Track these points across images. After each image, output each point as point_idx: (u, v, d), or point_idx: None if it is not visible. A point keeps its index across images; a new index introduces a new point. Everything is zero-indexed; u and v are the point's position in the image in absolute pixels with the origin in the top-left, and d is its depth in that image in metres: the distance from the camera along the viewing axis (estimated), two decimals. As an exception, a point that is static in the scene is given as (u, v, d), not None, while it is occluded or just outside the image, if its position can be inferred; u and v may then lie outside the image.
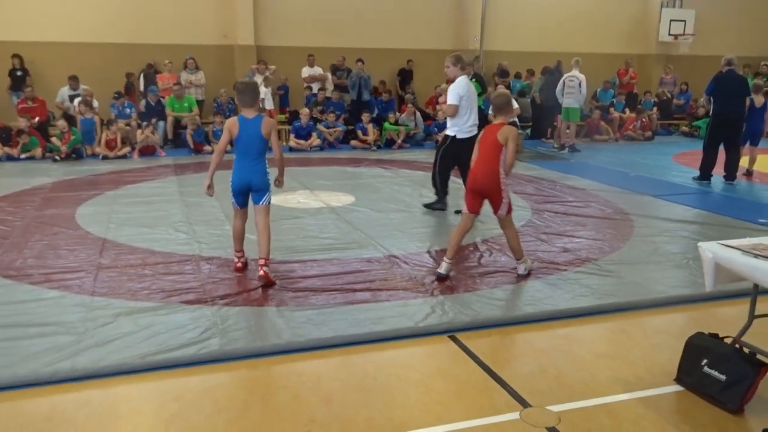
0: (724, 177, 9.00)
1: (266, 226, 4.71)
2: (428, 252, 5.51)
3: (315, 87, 13.54)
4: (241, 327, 3.86)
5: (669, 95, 16.25)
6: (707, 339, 3.34)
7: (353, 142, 12.07)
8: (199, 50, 13.98)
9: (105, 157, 10.35)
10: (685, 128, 15.33)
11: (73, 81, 12.09)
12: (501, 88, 12.20)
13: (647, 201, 7.69)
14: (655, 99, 16.01)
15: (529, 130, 13.80)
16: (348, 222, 6.47)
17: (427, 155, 11.26)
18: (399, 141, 12.12)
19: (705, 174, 8.99)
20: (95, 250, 5.40)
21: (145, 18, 13.90)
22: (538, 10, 16.76)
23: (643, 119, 14.36)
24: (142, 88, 13.13)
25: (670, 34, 17.53)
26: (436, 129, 12.47)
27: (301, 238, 5.91)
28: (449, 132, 6.61)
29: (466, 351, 3.69)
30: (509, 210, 4.83)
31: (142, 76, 13.33)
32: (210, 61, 14.08)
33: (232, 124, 4.65)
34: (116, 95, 11.91)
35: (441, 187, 7.00)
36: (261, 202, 4.72)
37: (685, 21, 17.58)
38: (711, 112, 9.13)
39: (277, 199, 7.49)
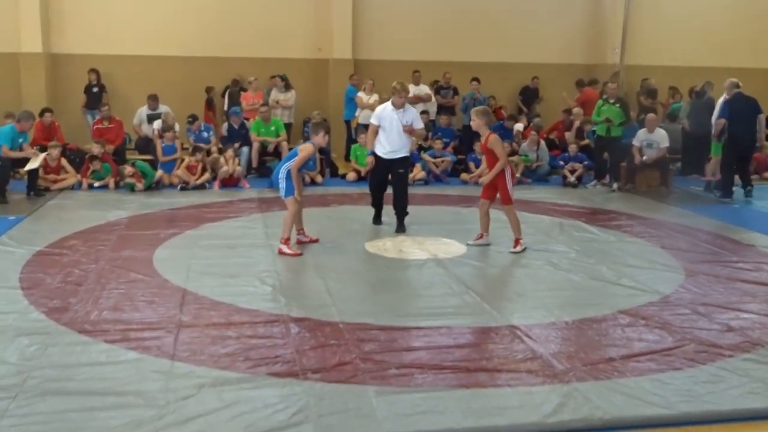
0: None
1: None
2: (555, 323, 5.45)
3: (420, 109, 13.73)
4: (337, 411, 3.96)
5: None
6: None
7: (464, 176, 12.12)
8: (289, 65, 14.58)
9: (183, 188, 10.95)
10: None
11: (152, 101, 12.92)
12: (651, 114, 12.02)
13: (836, 265, 7.27)
14: None
15: (679, 164, 13.36)
16: (458, 279, 6.51)
17: (552, 194, 11.19)
18: (517, 175, 12.07)
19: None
20: (175, 304, 5.71)
21: (230, 29, 14.68)
22: (690, 17, 16.32)
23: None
24: (225, 107, 13.82)
25: None
26: (561, 162, 12.34)
27: (404, 298, 6.02)
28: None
29: (606, 458, 3.62)
30: None
31: (227, 94, 14.03)
32: (301, 76, 14.66)
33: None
34: (190, 119, 12.49)
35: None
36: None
37: None
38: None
39: (376, 248, 7.68)
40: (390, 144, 8.47)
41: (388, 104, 8.63)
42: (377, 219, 8.89)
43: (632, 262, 7.23)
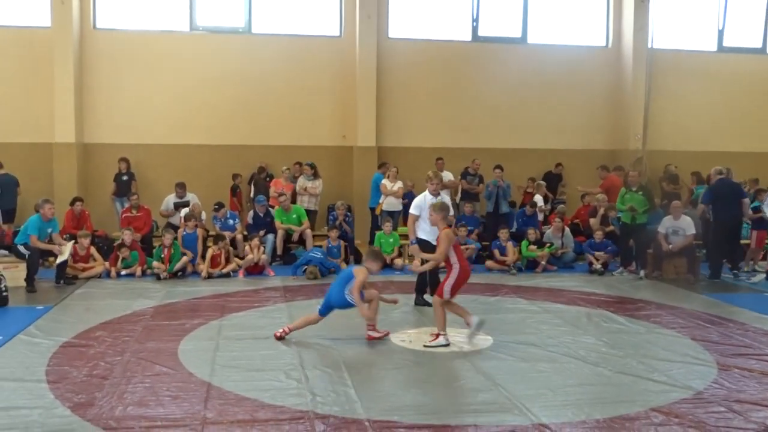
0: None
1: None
2: (586, 422, 5.34)
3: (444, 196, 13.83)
4: None
5: None
6: None
7: (489, 263, 12.14)
8: (313, 152, 14.91)
9: (209, 276, 11.04)
10: None
11: (180, 189, 13.19)
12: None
13: None
14: None
15: (704, 251, 13.25)
16: (485, 374, 6.43)
17: (578, 282, 11.14)
18: (543, 263, 12.06)
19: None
20: (200, 399, 5.69)
21: (256, 118, 15.15)
22: (710, 102, 16.52)
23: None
24: (252, 194, 14.06)
25: None
26: (591, 250, 12.29)
27: (431, 393, 5.94)
28: None
29: None
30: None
31: (253, 181, 14.31)
32: (325, 163, 14.89)
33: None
34: (216, 206, 12.67)
35: None
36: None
37: None
38: None
39: (400, 339, 7.63)
40: (435, 232, 8.71)
41: (426, 194, 8.89)
42: (422, 299, 9.25)
43: (663, 355, 7.11)
